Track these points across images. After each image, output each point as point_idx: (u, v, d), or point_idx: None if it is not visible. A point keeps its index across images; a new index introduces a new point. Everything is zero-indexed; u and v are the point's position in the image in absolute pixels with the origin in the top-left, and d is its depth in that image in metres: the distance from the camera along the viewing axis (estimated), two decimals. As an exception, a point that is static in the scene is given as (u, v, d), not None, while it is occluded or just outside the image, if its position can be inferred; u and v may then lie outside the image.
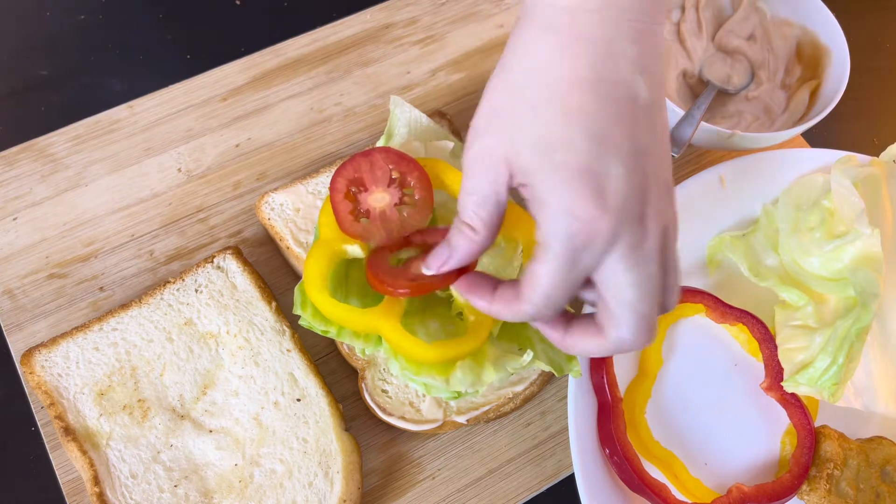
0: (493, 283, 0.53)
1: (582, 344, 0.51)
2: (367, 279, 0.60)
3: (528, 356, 0.60)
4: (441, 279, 0.56)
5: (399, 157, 0.65)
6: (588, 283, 0.49)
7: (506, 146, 0.47)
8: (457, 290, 0.54)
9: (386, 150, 0.65)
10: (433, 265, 0.54)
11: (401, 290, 0.57)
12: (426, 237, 0.61)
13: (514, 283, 0.51)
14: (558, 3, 0.46)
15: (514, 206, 0.64)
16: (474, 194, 0.50)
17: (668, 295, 0.50)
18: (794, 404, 0.68)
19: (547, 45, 0.46)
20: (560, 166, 0.45)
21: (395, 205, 0.64)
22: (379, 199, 0.64)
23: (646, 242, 0.47)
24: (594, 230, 0.45)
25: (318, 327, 0.62)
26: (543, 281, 0.48)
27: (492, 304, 0.52)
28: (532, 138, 0.46)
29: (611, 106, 0.46)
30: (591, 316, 0.51)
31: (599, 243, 0.46)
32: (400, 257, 0.61)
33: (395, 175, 0.64)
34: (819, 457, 0.66)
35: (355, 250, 0.63)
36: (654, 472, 0.66)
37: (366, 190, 0.64)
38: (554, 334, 0.53)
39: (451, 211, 0.67)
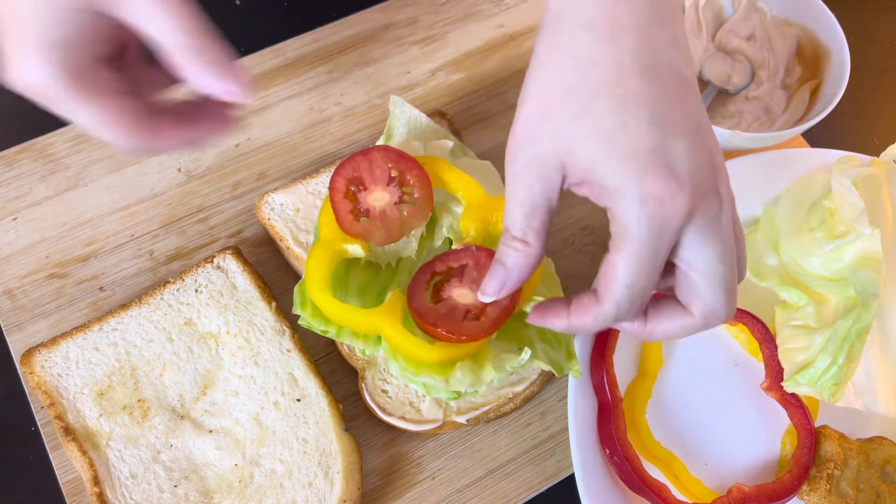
0: (565, 301, 0.52)
1: (667, 327, 0.50)
2: (419, 327, 0.60)
3: (526, 354, 0.60)
4: (502, 311, 0.56)
5: (398, 156, 0.65)
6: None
7: (559, 147, 0.46)
8: (532, 322, 0.54)
9: (385, 149, 0.65)
10: (491, 290, 0.52)
11: (464, 337, 0.57)
12: (449, 262, 0.61)
13: (589, 291, 0.50)
14: (589, 1, 0.46)
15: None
16: (525, 205, 0.48)
17: (740, 264, 0.50)
18: (794, 404, 0.68)
19: (587, 40, 0.46)
20: (626, 154, 0.45)
21: (395, 203, 0.64)
22: (379, 198, 0.64)
23: (723, 213, 0.47)
24: (673, 208, 0.45)
25: (317, 327, 0.62)
26: (623, 271, 0.46)
27: (570, 320, 0.51)
28: (589, 133, 0.45)
29: (662, 88, 0.46)
30: (668, 298, 0.50)
31: (679, 220, 0.45)
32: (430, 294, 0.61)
33: (394, 174, 0.64)
34: (819, 457, 0.66)
35: (356, 250, 0.63)
36: (655, 472, 0.66)
37: (365, 189, 0.64)
38: (633, 325, 0.51)
39: (450, 211, 0.67)
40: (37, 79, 0.47)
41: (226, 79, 0.49)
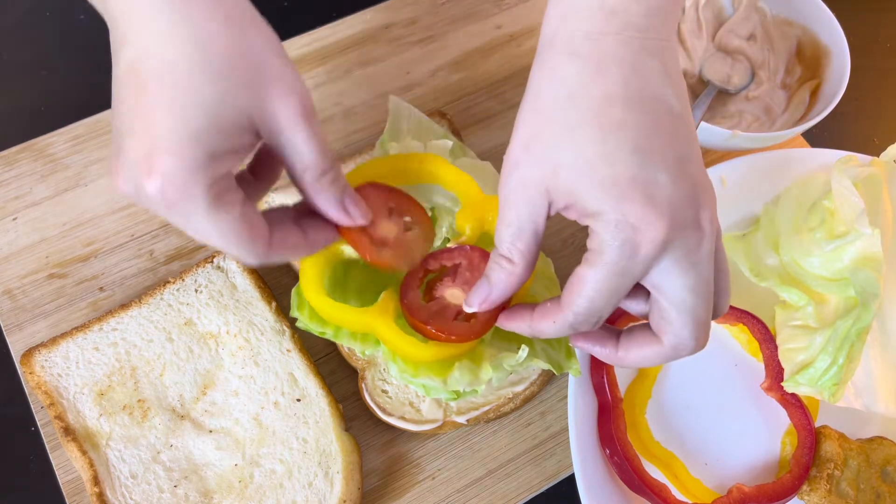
0: (531, 306, 0.53)
1: (637, 355, 0.51)
2: (410, 325, 0.60)
3: (523, 352, 0.60)
4: (493, 313, 0.57)
5: (389, 191, 0.65)
6: (636, 293, 0.49)
7: (545, 173, 0.47)
8: (501, 325, 0.56)
9: (374, 186, 0.65)
10: (475, 302, 0.54)
11: (454, 337, 0.58)
12: (442, 260, 0.62)
13: (555, 297, 0.51)
14: (579, 30, 0.47)
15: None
16: (511, 226, 0.50)
17: (721, 298, 0.50)
18: (794, 404, 0.68)
19: (575, 69, 0.47)
20: (606, 181, 0.45)
21: (404, 231, 0.64)
22: (388, 228, 0.64)
23: (702, 246, 0.47)
24: (649, 236, 0.45)
25: (315, 329, 0.62)
26: (588, 286, 0.47)
27: (533, 323, 0.52)
28: (572, 160, 0.46)
29: (648, 119, 0.46)
30: (642, 326, 0.51)
31: (653, 249, 0.46)
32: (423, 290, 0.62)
33: (391, 205, 0.64)
34: (819, 457, 0.66)
35: (352, 251, 0.63)
36: (655, 472, 0.66)
37: (372, 222, 0.64)
38: (604, 350, 0.52)
39: (450, 211, 0.67)
40: (175, 189, 0.45)
41: (349, 207, 0.53)
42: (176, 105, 0.45)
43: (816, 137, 0.87)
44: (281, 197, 0.75)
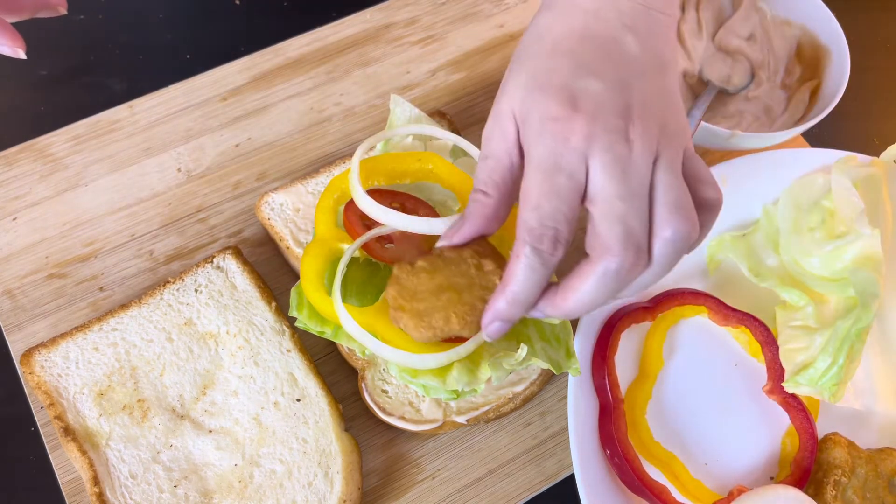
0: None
1: (574, 289, 0.50)
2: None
3: (522, 351, 0.60)
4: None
5: (393, 193, 0.65)
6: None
7: (509, 99, 0.51)
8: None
9: (378, 191, 0.65)
10: (447, 233, 0.55)
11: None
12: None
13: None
14: None
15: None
16: (488, 159, 0.52)
17: (658, 227, 0.49)
18: (795, 407, 0.68)
19: (546, 17, 0.53)
20: (540, 86, 0.49)
21: None
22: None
23: (632, 157, 0.48)
24: (569, 126, 0.47)
25: (314, 328, 0.62)
26: (532, 191, 0.48)
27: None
28: (525, 80, 0.50)
29: (598, 49, 0.50)
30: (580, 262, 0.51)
31: (576, 140, 0.47)
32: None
33: (395, 205, 0.64)
34: (827, 463, 0.65)
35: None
36: (655, 472, 0.66)
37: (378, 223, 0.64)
38: (547, 303, 0.52)
39: (450, 210, 0.67)
40: None
41: None
42: None
43: (816, 137, 0.87)
44: (281, 196, 0.75)
